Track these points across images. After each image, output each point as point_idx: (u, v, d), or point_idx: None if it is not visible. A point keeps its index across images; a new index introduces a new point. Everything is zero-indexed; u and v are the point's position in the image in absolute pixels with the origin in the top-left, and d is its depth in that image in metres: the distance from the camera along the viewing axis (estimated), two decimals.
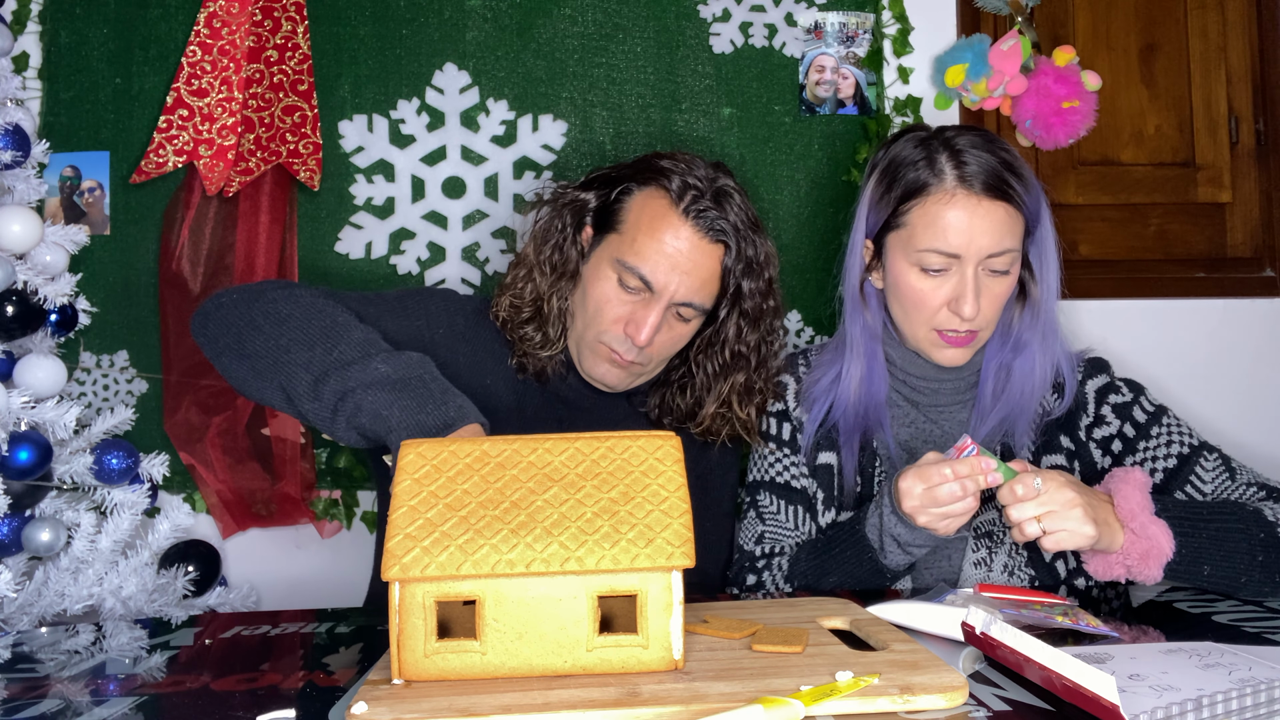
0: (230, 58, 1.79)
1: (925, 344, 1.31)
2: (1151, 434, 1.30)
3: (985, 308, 1.26)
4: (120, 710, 0.81)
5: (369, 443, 1.17)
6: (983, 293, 1.26)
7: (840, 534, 1.27)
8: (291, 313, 1.23)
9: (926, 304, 1.28)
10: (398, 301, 1.40)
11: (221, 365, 1.27)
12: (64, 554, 1.55)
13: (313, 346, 1.19)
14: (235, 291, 1.30)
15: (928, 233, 1.25)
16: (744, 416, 1.42)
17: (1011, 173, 1.25)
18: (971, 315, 1.25)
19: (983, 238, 1.23)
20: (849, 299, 1.38)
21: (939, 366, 1.34)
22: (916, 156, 1.28)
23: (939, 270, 1.26)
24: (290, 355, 1.19)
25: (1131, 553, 1.09)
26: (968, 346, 1.30)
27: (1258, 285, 1.96)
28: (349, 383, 1.15)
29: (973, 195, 1.23)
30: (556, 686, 0.76)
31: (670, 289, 1.31)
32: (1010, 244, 1.25)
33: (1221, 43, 1.98)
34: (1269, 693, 0.75)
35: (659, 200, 1.33)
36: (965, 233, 1.23)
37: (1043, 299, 1.32)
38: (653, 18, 1.86)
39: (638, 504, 0.82)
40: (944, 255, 1.25)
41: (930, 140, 1.29)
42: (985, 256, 1.24)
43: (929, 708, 0.73)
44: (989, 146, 1.26)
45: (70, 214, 1.80)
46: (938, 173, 1.25)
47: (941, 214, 1.24)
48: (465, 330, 1.41)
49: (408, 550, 0.78)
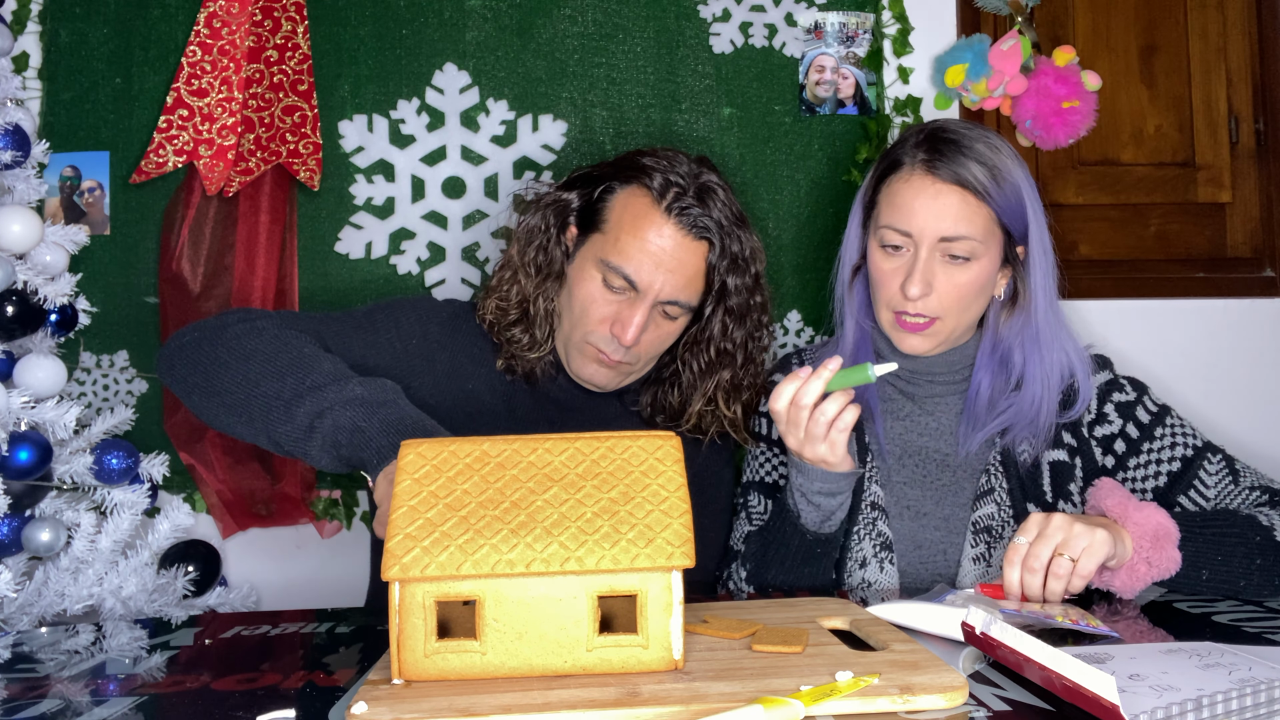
0: (230, 58, 1.79)
1: (889, 329, 1.33)
2: (1155, 435, 1.30)
3: (941, 294, 1.27)
4: (120, 710, 0.81)
5: (343, 464, 1.16)
6: (937, 278, 1.26)
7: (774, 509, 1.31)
8: (257, 347, 1.23)
9: (886, 284, 1.30)
10: (366, 317, 1.39)
11: (192, 403, 1.27)
12: (64, 554, 1.55)
13: (283, 377, 1.19)
14: (195, 329, 1.29)
15: (888, 209, 1.28)
16: (730, 414, 1.42)
17: (979, 163, 1.25)
18: (915, 295, 1.25)
19: (935, 220, 1.25)
20: (839, 289, 1.40)
21: (932, 359, 1.34)
22: (904, 138, 1.32)
23: (896, 249, 1.28)
24: (260, 388, 1.19)
25: (1143, 542, 1.08)
26: (925, 334, 1.29)
27: (1258, 285, 1.96)
28: (323, 403, 1.15)
29: (929, 176, 1.25)
30: (556, 686, 0.76)
31: (655, 288, 1.31)
32: (967, 231, 1.25)
33: (1221, 43, 1.98)
34: (1269, 693, 0.75)
35: (641, 199, 1.33)
36: (919, 212, 1.25)
37: (1032, 306, 1.31)
38: (653, 18, 1.86)
39: (638, 504, 0.82)
40: (899, 233, 1.27)
41: (925, 128, 1.32)
42: (938, 240, 1.25)
43: (929, 708, 0.73)
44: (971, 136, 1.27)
45: (70, 214, 1.80)
46: (909, 153, 1.28)
47: (901, 191, 1.27)
48: (440, 338, 1.41)
49: (408, 550, 0.78)
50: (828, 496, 1.23)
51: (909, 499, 1.34)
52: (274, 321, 1.29)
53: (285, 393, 1.17)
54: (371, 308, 1.42)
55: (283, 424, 1.17)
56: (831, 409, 1.16)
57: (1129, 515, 1.10)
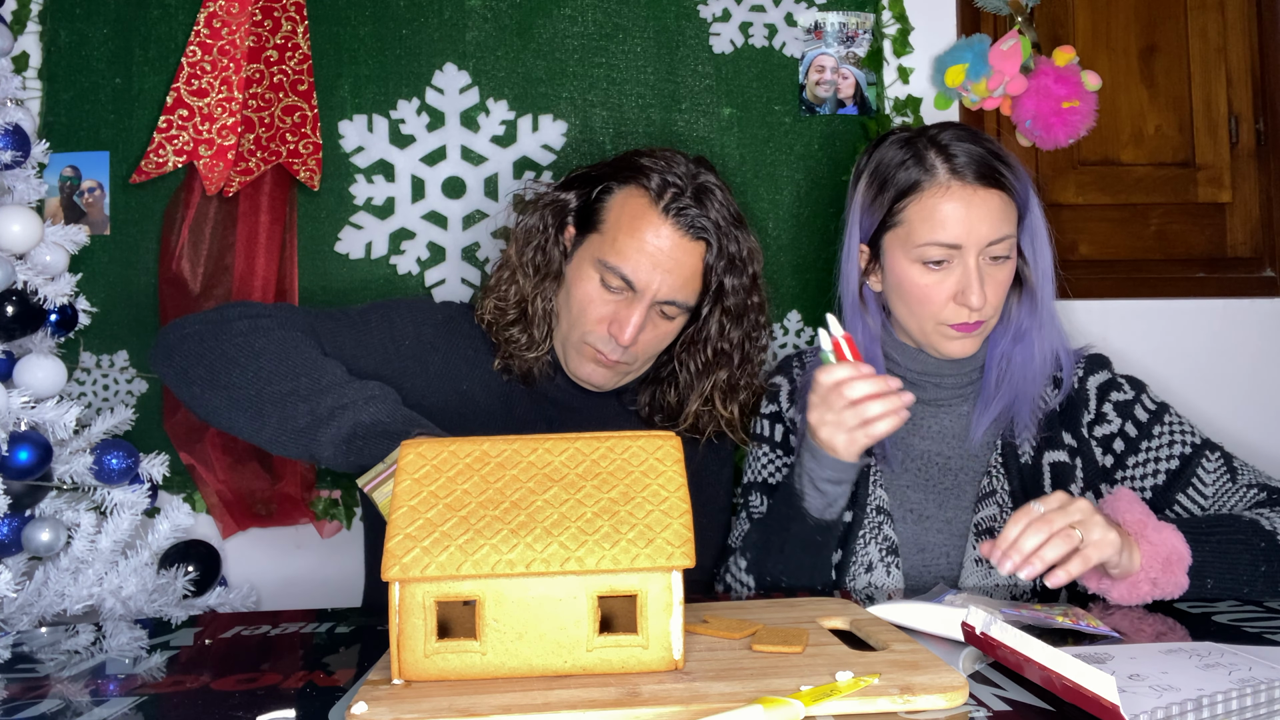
0: (230, 58, 1.78)
1: (934, 338, 1.31)
2: (1154, 433, 1.30)
3: (990, 296, 1.27)
4: (120, 710, 0.81)
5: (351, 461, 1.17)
6: (986, 281, 1.26)
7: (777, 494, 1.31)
8: (266, 345, 1.25)
9: (931, 299, 1.28)
10: (360, 317, 1.40)
11: (191, 394, 1.27)
12: (64, 554, 1.55)
13: (296, 376, 1.21)
14: (195, 322, 1.30)
15: (925, 226, 1.26)
16: (727, 414, 1.42)
17: (999, 160, 1.27)
18: (979, 304, 1.25)
19: (981, 225, 1.24)
20: (848, 305, 1.38)
21: (942, 361, 1.34)
22: (904, 156, 1.29)
23: (940, 263, 1.26)
24: (273, 385, 1.21)
25: (1153, 564, 1.06)
26: (975, 335, 1.30)
27: (1258, 285, 1.96)
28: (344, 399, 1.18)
29: (967, 185, 1.25)
30: (556, 686, 0.76)
31: (652, 288, 1.31)
32: (1007, 230, 1.26)
33: (1221, 43, 1.98)
34: (1269, 693, 0.75)
35: (639, 199, 1.33)
36: (964, 222, 1.24)
37: (1039, 285, 1.33)
38: (653, 18, 1.86)
39: (638, 504, 0.82)
40: (945, 247, 1.25)
41: (914, 140, 1.30)
42: (986, 245, 1.25)
43: (929, 708, 0.73)
44: (972, 138, 1.28)
45: (70, 214, 1.80)
46: (929, 168, 1.27)
47: (939, 207, 1.25)
48: (434, 339, 1.41)
49: (408, 550, 0.78)
50: (834, 484, 1.23)
51: (912, 502, 1.34)
52: (277, 320, 1.29)
53: (301, 390, 1.19)
54: (367, 307, 1.43)
55: (297, 419, 1.18)
56: (875, 410, 1.16)
57: (1146, 534, 1.08)
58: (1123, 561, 1.05)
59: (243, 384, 1.21)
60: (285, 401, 1.19)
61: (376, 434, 1.15)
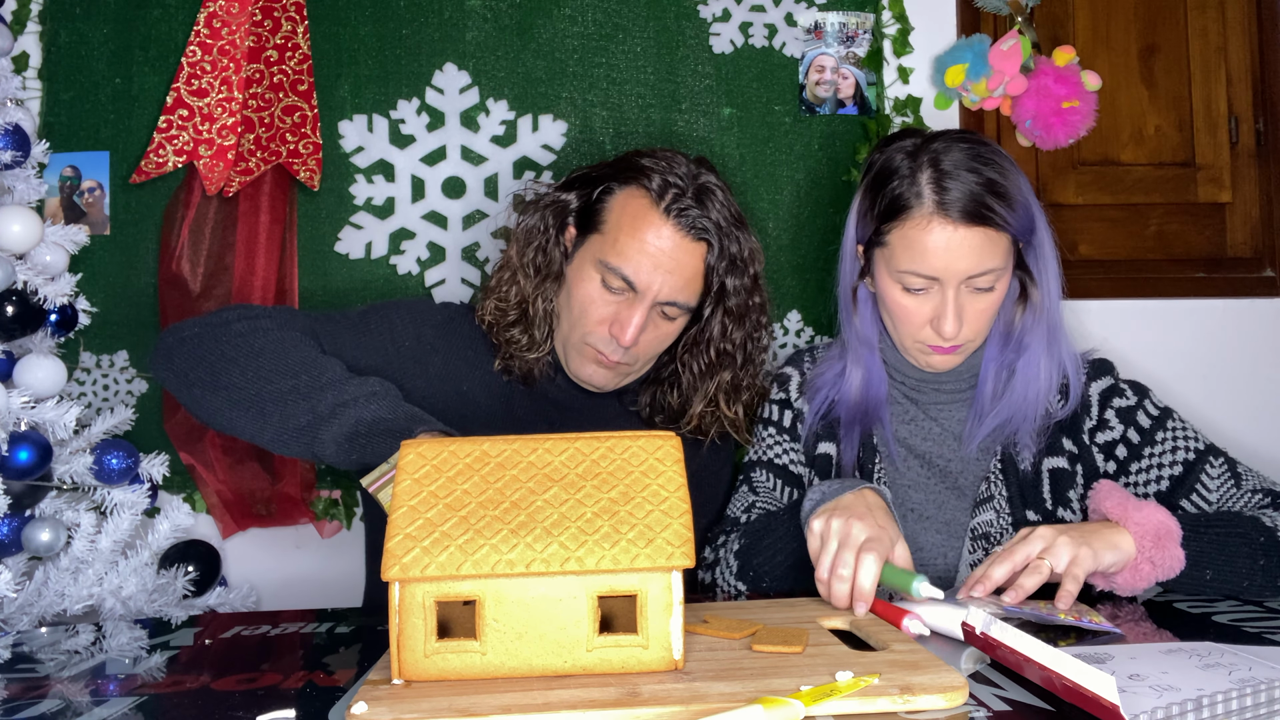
0: (230, 58, 1.78)
1: (913, 353, 1.33)
2: (1156, 440, 1.30)
3: (969, 323, 1.26)
4: (120, 710, 0.81)
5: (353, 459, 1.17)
6: (965, 309, 1.25)
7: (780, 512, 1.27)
8: (265, 345, 1.25)
9: (910, 320, 1.28)
10: (360, 318, 1.40)
11: (191, 396, 1.27)
12: (64, 554, 1.55)
13: (296, 375, 1.21)
14: (195, 324, 1.30)
15: (906, 254, 1.25)
16: (731, 415, 1.42)
17: (994, 194, 1.21)
18: (951, 335, 1.25)
19: (960, 262, 1.22)
20: (843, 304, 1.38)
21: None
22: (903, 171, 1.26)
23: (920, 289, 1.26)
24: (273, 384, 1.21)
25: (1145, 542, 1.08)
26: (955, 354, 1.31)
27: (1258, 285, 1.96)
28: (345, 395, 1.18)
29: (949, 222, 1.21)
30: (556, 686, 0.76)
31: (653, 289, 1.31)
32: (991, 264, 1.23)
33: (1221, 43, 1.98)
34: (1269, 693, 0.75)
35: (640, 199, 1.33)
36: (942, 257, 1.22)
37: (1044, 301, 1.31)
38: (653, 18, 1.86)
39: (638, 504, 0.82)
40: (923, 278, 1.25)
41: (918, 153, 1.26)
42: (965, 278, 1.24)
43: (929, 708, 0.73)
44: (974, 165, 1.22)
45: (70, 214, 1.80)
46: (918, 194, 1.23)
47: (919, 239, 1.23)
48: (434, 341, 1.41)
49: (408, 550, 0.78)
50: None
51: (912, 502, 1.34)
52: (276, 321, 1.30)
53: (301, 387, 1.19)
54: (366, 309, 1.43)
55: (298, 417, 1.18)
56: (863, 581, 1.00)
57: (1129, 516, 1.10)
58: (1115, 557, 1.07)
59: (243, 384, 1.21)
60: (286, 400, 1.19)
61: (379, 432, 1.15)
